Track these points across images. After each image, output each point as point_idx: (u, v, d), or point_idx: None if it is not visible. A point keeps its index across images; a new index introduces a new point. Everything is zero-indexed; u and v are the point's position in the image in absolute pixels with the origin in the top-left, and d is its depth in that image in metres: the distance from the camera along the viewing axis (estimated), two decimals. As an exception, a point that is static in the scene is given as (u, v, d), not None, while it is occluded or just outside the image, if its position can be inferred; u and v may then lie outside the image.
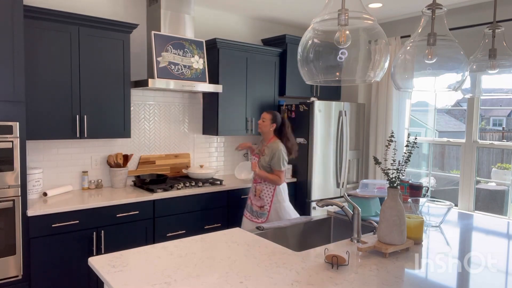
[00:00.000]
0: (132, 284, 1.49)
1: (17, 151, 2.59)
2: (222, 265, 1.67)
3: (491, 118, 7.29)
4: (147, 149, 3.78)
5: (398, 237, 1.84)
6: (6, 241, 2.58)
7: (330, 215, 2.69)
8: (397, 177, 1.89)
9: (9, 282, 2.60)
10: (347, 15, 1.41)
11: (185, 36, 3.58)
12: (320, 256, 1.78)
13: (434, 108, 4.40)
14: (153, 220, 3.19)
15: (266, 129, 3.24)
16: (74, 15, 2.97)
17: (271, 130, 3.24)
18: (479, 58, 2.30)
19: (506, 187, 4.06)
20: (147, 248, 1.91)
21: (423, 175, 4.48)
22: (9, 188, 2.58)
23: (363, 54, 1.51)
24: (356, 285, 1.51)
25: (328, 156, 4.17)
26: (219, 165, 4.32)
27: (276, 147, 3.16)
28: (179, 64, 3.46)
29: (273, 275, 1.58)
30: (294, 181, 4.19)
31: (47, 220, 2.71)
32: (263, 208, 3.18)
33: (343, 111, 4.26)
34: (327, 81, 1.60)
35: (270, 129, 3.24)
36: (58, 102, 2.96)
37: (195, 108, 4.09)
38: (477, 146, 3.87)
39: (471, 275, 1.69)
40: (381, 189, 2.69)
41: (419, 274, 1.70)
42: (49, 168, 3.24)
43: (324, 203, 2.15)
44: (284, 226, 2.46)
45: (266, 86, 4.24)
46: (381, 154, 4.35)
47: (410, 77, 1.94)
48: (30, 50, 2.80)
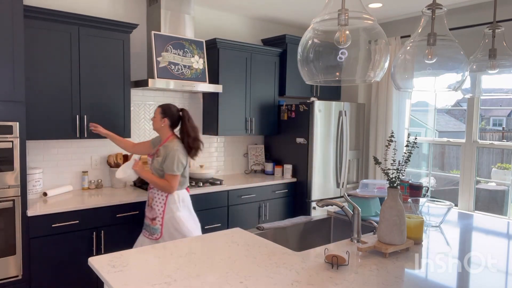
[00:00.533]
0: (132, 284, 1.49)
1: (17, 151, 2.59)
2: (222, 265, 1.67)
3: (491, 118, 7.29)
4: (147, 149, 3.78)
5: (398, 237, 1.84)
6: (6, 241, 2.58)
7: (330, 215, 2.69)
8: (397, 177, 1.89)
9: (9, 282, 2.60)
10: (347, 15, 1.41)
11: (185, 36, 3.58)
12: (320, 256, 1.78)
13: (434, 108, 4.40)
14: (153, 220, 3.19)
15: (157, 125, 2.82)
16: (74, 15, 2.97)
17: (163, 127, 2.81)
18: (479, 58, 2.30)
19: (506, 187, 4.06)
20: (147, 248, 1.91)
21: (423, 175, 4.48)
22: (9, 188, 2.58)
23: (363, 54, 1.51)
24: (356, 285, 1.51)
25: (328, 156, 4.17)
26: (219, 165, 4.31)
27: (171, 148, 2.72)
28: (179, 64, 3.46)
29: (273, 275, 1.58)
30: (294, 181, 4.19)
31: (47, 220, 2.71)
32: (154, 221, 2.72)
33: (343, 111, 4.26)
34: (327, 81, 1.60)
35: (161, 125, 2.80)
36: (58, 102, 2.96)
37: (195, 108, 4.09)
38: (477, 146, 3.87)
39: (471, 275, 1.69)
40: (381, 189, 2.69)
41: (419, 274, 1.69)
42: (49, 168, 3.24)
43: (324, 203, 2.15)
44: (284, 226, 2.46)
45: (266, 86, 4.24)
46: (381, 154, 4.35)
47: (410, 77, 1.94)
48: (30, 50, 2.80)
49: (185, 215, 2.79)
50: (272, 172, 4.34)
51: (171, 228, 2.71)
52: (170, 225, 2.71)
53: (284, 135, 4.36)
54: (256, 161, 4.52)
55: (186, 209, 2.83)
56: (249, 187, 3.81)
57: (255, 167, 4.50)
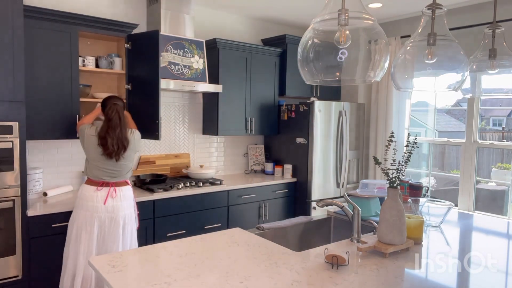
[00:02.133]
0: (132, 284, 1.49)
1: (17, 151, 2.59)
2: (222, 265, 1.67)
3: (491, 118, 7.29)
4: (147, 149, 3.78)
5: (398, 237, 1.84)
6: (6, 241, 2.58)
7: (330, 215, 2.69)
8: (397, 177, 1.89)
9: (9, 282, 2.60)
10: (347, 15, 1.41)
11: (185, 36, 3.58)
12: (320, 256, 1.78)
13: (434, 108, 4.40)
14: (153, 220, 3.19)
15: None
16: (74, 15, 2.97)
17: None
18: (479, 58, 2.30)
19: (506, 187, 4.06)
20: (147, 248, 1.91)
21: (423, 175, 4.48)
22: (9, 188, 2.58)
23: (363, 54, 1.51)
24: (356, 285, 1.51)
25: (328, 156, 4.17)
26: (219, 165, 4.32)
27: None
28: (179, 64, 3.46)
29: (273, 275, 1.58)
30: (294, 181, 4.19)
31: (47, 220, 2.71)
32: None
33: (343, 111, 4.26)
34: (327, 81, 1.60)
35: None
36: (58, 102, 2.96)
37: (195, 108, 4.09)
38: (477, 146, 3.87)
39: (471, 275, 1.69)
40: (381, 189, 2.69)
41: (419, 274, 1.69)
42: (49, 168, 3.24)
43: (324, 203, 2.15)
44: (284, 226, 2.46)
45: (266, 86, 4.24)
46: (381, 154, 4.35)
47: (410, 77, 1.94)
48: (30, 50, 2.80)
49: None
50: (272, 172, 4.35)
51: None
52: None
53: (284, 135, 4.36)
54: (256, 161, 4.52)
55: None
56: (249, 187, 3.81)
57: (255, 167, 4.50)
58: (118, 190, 2.69)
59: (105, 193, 2.63)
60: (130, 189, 2.79)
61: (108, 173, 2.68)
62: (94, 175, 2.68)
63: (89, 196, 2.62)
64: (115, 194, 2.66)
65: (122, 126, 2.67)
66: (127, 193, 2.74)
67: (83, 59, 3.11)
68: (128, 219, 2.70)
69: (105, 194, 2.63)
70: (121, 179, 2.74)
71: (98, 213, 2.60)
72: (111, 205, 2.63)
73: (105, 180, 2.67)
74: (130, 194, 2.78)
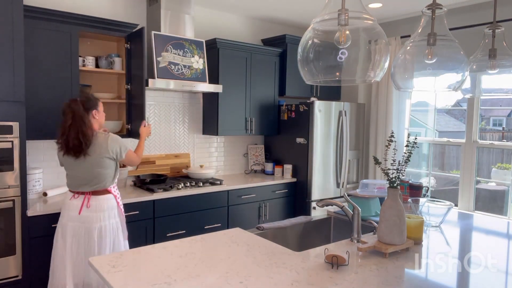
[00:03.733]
0: (132, 284, 1.49)
1: (17, 151, 2.59)
2: (222, 265, 1.67)
3: (491, 118, 7.28)
4: (147, 149, 3.78)
5: (398, 237, 1.84)
6: (6, 241, 2.58)
7: (330, 215, 2.69)
8: (397, 177, 1.89)
9: (9, 282, 2.60)
10: (347, 15, 1.41)
11: (185, 36, 3.58)
12: (320, 256, 1.78)
13: (434, 108, 4.40)
14: (153, 220, 3.19)
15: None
16: (74, 15, 2.97)
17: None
18: (479, 58, 2.30)
19: (506, 187, 4.06)
20: (147, 248, 1.91)
21: (423, 175, 4.48)
22: (9, 188, 2.58)
23: (363, 54, 1.51)
24: (356, 285, 1.51)
25: (328, 156, 4.17)
26: (219, 165, 4.32)
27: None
28: (179, 64, 3.46)
29: (273, 275, 1.58)
30: (294, 181, 4.19)
31: (47, 220, 2.71)
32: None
33: (343, 111, 4.26)
34: (327, 81, 1.60)
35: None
36: (58, 102, 2.95)
37: (195, 108, 4.09)
38: (477, 146, 3.87)
39: (471, 275, 1.69)
40: (381, 189, 2.69)
41: (419, 274, 1.69)
42: (49, 168, 3.24)
43: (324, 203, 2.15)
44: (284, 226, 2.46)
45: (266, 86, 4.24)
46: (381, 154, 4.35)
47: (410, 77, 1.94)
48: (30, 50, 2.80)
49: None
50: (272, 172, 4.35)
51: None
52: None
53: (284, 135, 4.36)
54: (256, 161, 4.52)
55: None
56: (249, 187, 3.81)
57: (255, 167, 4.50)
58: (94, 199, 2.50)
59: (80, 202, 2.49)
60: (111, 198, 2.57)
61: (79, 181, 2.51)
62: (68, 184, 2.58)
63: (66, 204, 2.53)
64: (89, 204, 2.50)
65: (78, 125, 2.45)
66: (105, 202, 2.53)
67: (83, 59, 3.11)
68: (106, 230, 2.50)
69: (80, 203, 2.49)
70: (99, 188, 2.53)
71: (72, 222, 2.47)
72: (85, 215, 2.47)
73: (80, 190, 2.52)
74: (111, 204, 2.56)
